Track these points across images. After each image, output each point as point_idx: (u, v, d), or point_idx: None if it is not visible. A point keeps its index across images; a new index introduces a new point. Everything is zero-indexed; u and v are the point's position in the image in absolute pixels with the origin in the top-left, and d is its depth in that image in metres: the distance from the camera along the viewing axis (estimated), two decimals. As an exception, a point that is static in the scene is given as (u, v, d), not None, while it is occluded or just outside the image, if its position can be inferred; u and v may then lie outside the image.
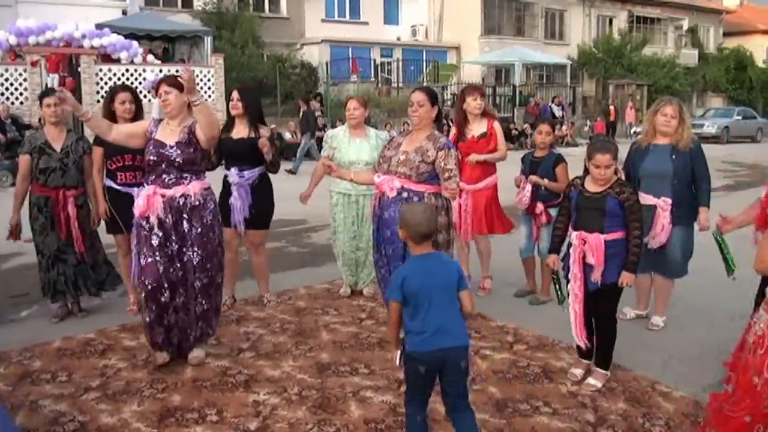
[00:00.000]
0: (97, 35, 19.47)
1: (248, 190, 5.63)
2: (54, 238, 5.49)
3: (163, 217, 4.50)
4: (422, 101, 4.57)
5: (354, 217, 6.04)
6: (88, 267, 5.67)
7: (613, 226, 4.20)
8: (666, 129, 5.13)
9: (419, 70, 31.19)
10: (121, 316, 5.68)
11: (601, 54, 34.41)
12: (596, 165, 4.16)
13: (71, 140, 5.54)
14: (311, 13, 30.02)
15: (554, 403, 4.11)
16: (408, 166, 4.47)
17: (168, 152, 4.51)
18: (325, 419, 3.88)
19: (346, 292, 6.25)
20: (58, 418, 3.94)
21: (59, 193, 5.43)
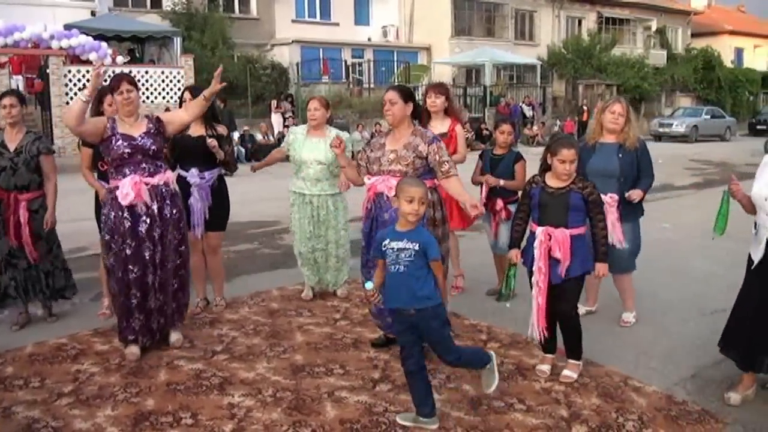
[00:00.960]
0: (66, 36, 19.22)
1: (208, 191, 5.60)
2: (5, 241, 5.39)
3: (149, 203, 4.70)
4: (394, 99, 4.65)
5: (309, 217, 5.98)
6: (39, 272, 5.54)
7: (576, 221, 4.29)
8: (614, 126, 5.21)
9: (390, 70, 31.21)
10: (92, 320, 5.62)
11: (570, 54, 34.70)
12: (561, 160, 4.24)
13: (27, 140, 5.43)
14: (281, 14, 29.91)
15: (528, 399, 4.15)
16: (402, 164, 4.55)
17: (140, 143, 4.71)
18: (301, 420, 3.88)
19: (308, 295, 6.19)
20: (32, 424, 3.89)
21: (10, 196, 5.34)
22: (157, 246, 4.76)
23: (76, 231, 6.38)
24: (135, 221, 4.69)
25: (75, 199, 7.80)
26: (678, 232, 9.12)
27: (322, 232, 6.00)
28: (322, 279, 6.22)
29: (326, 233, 6.01)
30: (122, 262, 4.69)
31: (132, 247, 4.68)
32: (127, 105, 4.76)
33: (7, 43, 18.34)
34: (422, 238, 3.64)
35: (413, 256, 3.62)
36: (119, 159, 4.68)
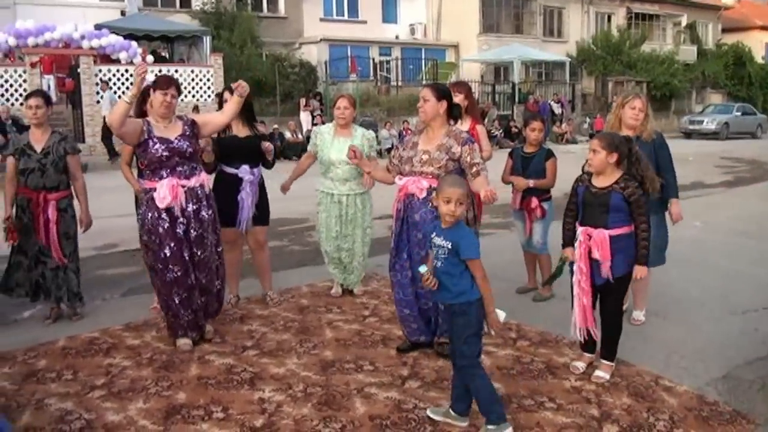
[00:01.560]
0: (96, 36, 19.47)
1: (257, 187, 5.70)
2: (37, 239, 5.47)
3: (185, 206, 4.77)
4: (427, 96, 4.61)
5: (336, 217, 5.99)
6: (69, 272, 5.60)
7: (618, 221, 4.21)
8: (633, 122, 5.17)
9: (418, 68, 31.17)
10: (123, 315, 5.68)
11: (599, 51, 34.39)
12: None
13: (53, 141, 5.49)
14: (309, 13, 30.01)
15: (558, 398, 4.12)
16: (435, 165, 4.52)
17: (177, 146, 4.78)
18: (330, 416, 3.89)
19: (338, 292, 6.21)
20: (65, 416, 3.95)
21: (39, 196, 5.40)
22: (194, 247, 4.82)
23: (108, 228, 6.48)
24: (173, 223, 4.74)
25: (106, 196, 7.93)
26: (709, 231, 9.00)
27: (349, 231, 6.02)
28: (347, 278, 6.24)
29: (353, 232, 6.03)
30: (162, 262, 4.75)
31: (171, 247, 4.73)
32: (165, 108, 4.81)
33: (38, 43, 18.61)
34: (456, 238, 3.61)
35: (447, 254, 3.62)
36: (157, 161, 4.73)
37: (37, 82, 18.32)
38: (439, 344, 4.75)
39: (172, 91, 4.80)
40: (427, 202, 4.49)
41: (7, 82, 18.27)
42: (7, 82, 18.27)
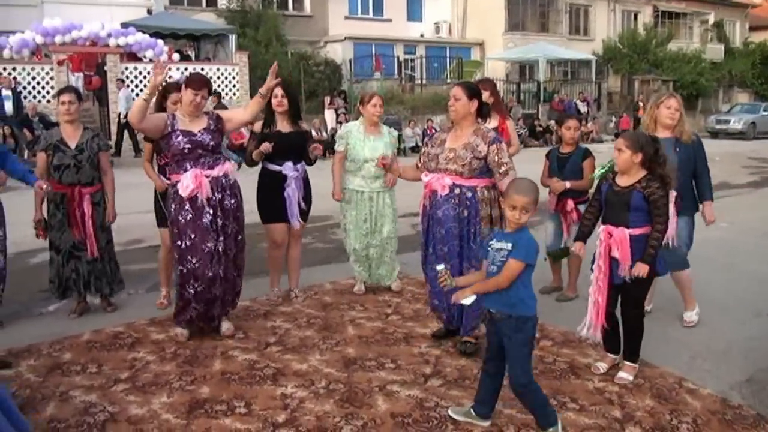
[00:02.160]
0: (123, 34, 19.65)
1: (301, 183, 5.78)
2: (70, 234, 5.55)
3: (211, 195, 4.84)
4: (458, 95, 4.63)
5: (367, 214, 6.01)
6: (104, 264, 5.70)
7: (639, 221, 4.18)
8: (670, 122, 5.13)
9: (443, 67, 31.11)
10: (148, 310, 5.75)
11: (626, 49, 34.06)
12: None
13: (86, 137, 5.56)
14: (334, 11, 30.07)
15: (581, 399, 4.10)
16: (459, 163, 4.55)
17: (199, 138, 4.86)
18: (353, 413, 3.90)
19: (361, 290, 6.24)
20: (89, 408, 4.00)
21: (74, 190, 5.49)
22: (220, 236, 4.88)
23: (132, 223, 6.54)
24: (198, 213, 4.81)
25: (131, 192, 8.00)
26: (735, 232, 8.88)
27: (378, 228, 6.03)
28: (374, 274, 6.24)
29: (382, 228, 6.04)
30: (182, 252, 4.84)
31: (192, 239, 4.80)
32: (194, 107, 4.88)
33: (65, 42, 18.83)
34: (516, 239, 3.48)
35: (506, 257, 3.49)
36: (179, 154, 4.82)
37: (64, 80, 18.52)
38: (463, 342, 4.76)
39: (203, 92, 4.88)
40: (450, 199, 4.53)
41: (34, 80, 18.50)
42: (34, 80, 18.50)
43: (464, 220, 4.58)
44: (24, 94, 17.96)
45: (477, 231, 4.57)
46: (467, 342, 4.75)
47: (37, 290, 6.50)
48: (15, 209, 4.89)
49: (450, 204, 4.55)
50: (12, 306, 5.97)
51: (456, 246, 4.58)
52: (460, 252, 4.59)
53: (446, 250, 4.60)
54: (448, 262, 4.57)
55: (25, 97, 17.86)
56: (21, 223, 5.12)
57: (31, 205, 5.53)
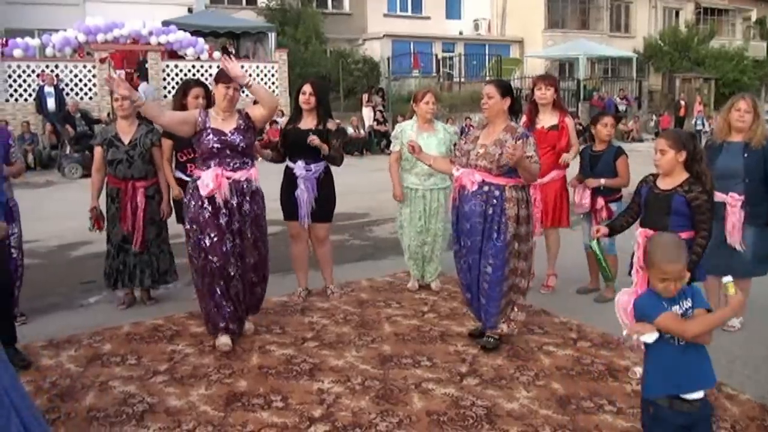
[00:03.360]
0: (164, 32, 19.88)
1: (314, 183, 5.68)
2: (122, 228, 5.65)
3: (229, 198, 4.74)
4: (491, 93, 4.66)
5: (421, 212, 6.02)
6: (151, 258, 5.78)
7: (679, 225, 4.07)
8: (741, 124, 4.99)
9: (481, 64, 30.94)
10: (188, 303, 5.81)
11: (667, 47, 33.51)
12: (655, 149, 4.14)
13: (140, 133, 5.66)
14: (373, 9, 30.09)
15: (618, 401, 4.04)
16: (488, 159, 4.56)
17: (230, 138, 4.77)
18: (388, 410, 3.91)
19: (414, 287, 6.24)
20: (127, 399, 4.08)
21: (128, 184, 5.59)
22: (236, 239, 4.78)
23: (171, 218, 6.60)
24: (215, 213, 4.72)
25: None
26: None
27: (431, 225, 6.05)
28: (425, 271, 6.25)
29: (436, 226, 6.05)
30: (203, 251, 4.73)
31: (211, 237, 4.71)
32: (228, 101, 4.80)
33: (107, 40, 19.13)
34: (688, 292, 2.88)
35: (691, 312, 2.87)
36: (208, 152, 4.75)
37: (105, 77, 18.81)
38: (486, 338, 4.81)
39: (234, 85, 4.78)
40: (477, 195, 4.56)
41: (76, 77, 18.83)
42: (76, 77, 18.83)
43: (489, 218, 4.57)
44: (66, 91, 18.29)
45: (501, 229, 4.56)
46: (490, 337, 4.79)
47: (78, 282, 6.64)
48: (54, 204, 5.00)
49: (477, 200, 4.57)
50: (53, 297, 6.10)
51: (477, 242, 4.60)
52: (480, 248, 4.61)
53: (469, 244, 4.65)
54: (469, 255, 4.65)
55: (67, 94, 18.19)
56: (61, 216, 5.23)
57: (70, 200, 5.64)
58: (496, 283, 4.62)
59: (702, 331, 2.75)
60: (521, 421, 3.79)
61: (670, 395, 2.80)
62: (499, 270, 4.59)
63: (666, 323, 2.74)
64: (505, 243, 4.56)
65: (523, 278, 4.78)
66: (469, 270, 4.74)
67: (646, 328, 2.80)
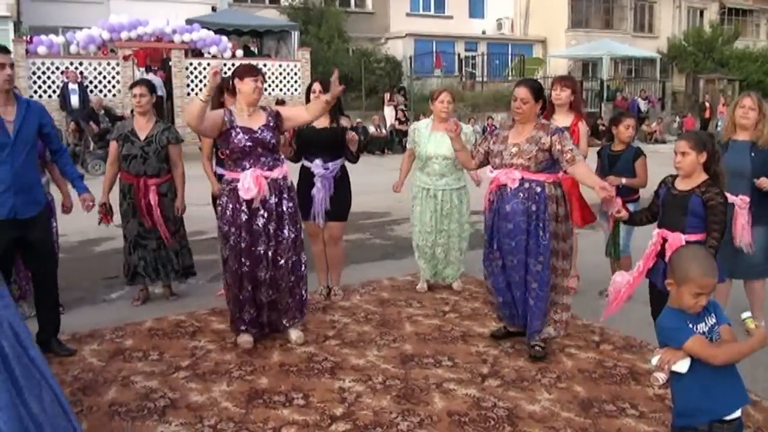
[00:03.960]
0: (187, 30, 20.00)
1: (331, 182, 5.67)
2: (135, 223, 5.68)
3: (267, 198, 4.67)
4: (526, 98, 4.54)
5: (432, 211, 5.98)
6: (169, 253, 5.81)
7: (695, 226, 4.04)
8: (744, 122, 4.94)
9: (504, 64, 30.84)
10: (209, 300, 5.86)
11: (691, 47, 33.16)
12: (675, 151, 4.08)
13: (157, 130, 5.67)
14: (396, 8, 30.10)
15: (641, 405, 4.01)
16: (525, 157, 4.51)
17: (260, 136, 4.68)
18: (409, 409, 3.90)
19: (423, 288, 6.19)
20: (149, 393, 4.11)
21: (140, 181, 5.60)
22: (272, 241, 4.72)
23: (195, 215, 6.65)
24: (252, 215, 4.66)
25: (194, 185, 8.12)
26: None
27: (445, 226, 6.00)
28: (440, 273, 6.21)
29: (449, 227, 6.01)
30: (237, 254, 4.68)
31: (247, 240, 4.66)
32: (258, 93, 4.75)
33: (131, 37, 19.28)
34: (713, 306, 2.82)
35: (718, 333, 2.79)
36: (239, 152, 4.66)
37: (129, 75, 18.97)
38: (532, 347, 4.66)
39: (260, 77, 4.75)
40: (518, 193, 4.48)
41: (100, 74, 18.99)
42: (100, 74, 18.99)
43: (532, 215, 4.49)
44: (90, 88, 18.44)
45: (545, 227, 4.49)
46: (536, 346, 4.64)
47: (101, 278, 6.69)
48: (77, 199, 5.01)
49: (519, 198, 4.49)
50: (76, 292, 6.16)
51: (523, 241, 4.50)
52: (526, 247, 4.51)
53: (513, 245, 4.54)
54: (515, 256, 4.54)
55: (91, 91, 18.34)
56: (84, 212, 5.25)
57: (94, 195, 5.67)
58: (546, 282, 4.54)
59: (730, 360, 2.68)
60: (543, 423, 3.77)
61: (712, 420, 2.70)
62: (548, 268, 4.53)
63: (694, 349, 2.65)
64: (547, 243, 4.51)
65: (564, 277, 4.71)
66: (507, 272, 4.63)
67: (676, 356, 2.68)
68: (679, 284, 2.72)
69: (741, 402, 2.75)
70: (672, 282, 2.75)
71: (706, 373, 2.68)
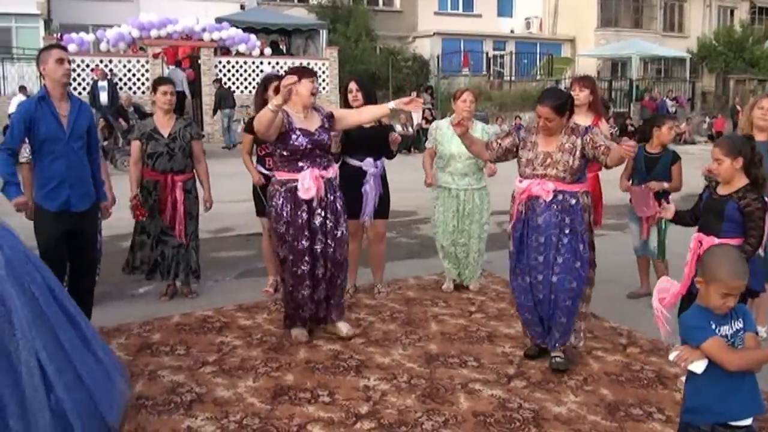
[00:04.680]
0: (217, 29, 20.18)
1: (380, 180, 5.74)
2: (158, 220, 5.72)
3: (324, 197, 4.75)
4: (550, 118, 4.30)
5: (454, 211, 5.96)
6: (189, 251, 5.85)
7: (732, 231, 3.97)
8: (763, 123, 4.86)
9: (532, 63, 30.68)
10: (236, 296, 5.89)
11: (721, 47, 32.71)
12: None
13: (179, 126, 5.72)
14: (424, 6, 30.08)
15: (668, 410, 3.95)
16: (560, 168, 4.32)
17: (318, 138, 4.73)
18: (434, 409, 3.89)
19: (449, 288, 6.16)
20: (176, 388, 4.14)
21: (167, 177, 5.65)
22: (329, 238, 4.79)
23: (222, 212, 6.72)
24: (310, 214, 4.71)
25: (223, 182, 8.20)
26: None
27: (465, 227, 5.98)
28: (461, 273, 6.20)
29: (470, 227, 5.99)
30: (298, 254, 4.70)
31: (306, 239, 4.70)
32: (312, 95, 4.76)
33: (161, 35, 19.48)
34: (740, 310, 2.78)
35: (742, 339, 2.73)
36: (298, 153, 4.66)
37: (158, 72, 19.17)
38: (553, 358, 4.52)
39: (315, 79, 4.82)
40: (552, 206, 4.31)
41: (130, 72, 19.22)
42: (130, 72, 19.22)
43: (565, 228, 4.31)
44: (120, 85, 18.66)
45: (584, 239, 4.36)
46: (556, 357, 4.48)
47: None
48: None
49: (552, 210, 4.31)
50: (104, 287, 6.22)
51: (552, 256, 4.32)
52: (554, 262, 4.33)
53: (541, 260, 4.36)
54: (539, 273, 4.38)
55: (120, 88, 18.57)
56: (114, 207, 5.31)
57: (122, 191, 5.72)
58: (578, 297, 4.41)
59: (744, 366, 2.63)
60: (568, 425, 3.75)
61: (717, 423, 2.68)
62: (583, 283, 4.40)
63: (711, 350, 2.63)
64: (587, 255, 4.37)
65: (590, 286, 4.58)
66: (534, 288, 4.44)
67: (694, 355, 2.68)
68: (707, 283, 2.69)
69: (753, 411, 2.70)
70: (701, 280, 2.73)
71: (721, 376, 2.65)
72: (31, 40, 20.58)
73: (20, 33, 21.49)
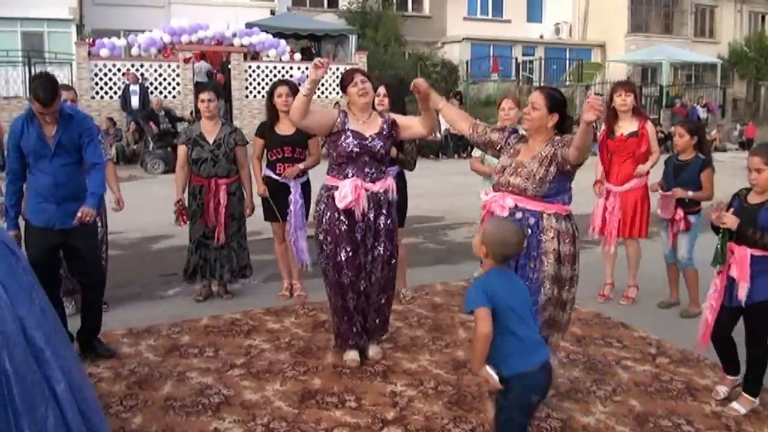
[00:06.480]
0: (247, 34, 20.30)
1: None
2: (201, 224, 5.80)
3: (366, 211, 4.45)
4: (537, 103, 3.89)
5: None
6: (231, 252, 5.91)
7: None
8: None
9: (562, 69, 30.48)
10: (265, 299, 5.93)
11: (752, 53, 32.24)
12: (748, 168, 3.94)
13: (224, 133, 5.81)
14: (453, 12, 30.05)
15: (697, 422, 3.90)
16: (523, 176, 3.83)
17: (370, 144, 4.46)
18: (461, 416, 3.89)
19: None
20: (204, 390, 4.18)
21: (212, 182, 5.73)
22: (368, 254, 4.53)
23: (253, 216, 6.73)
24: (351, 225, 4.45)
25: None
26: None
27: None
28: None
29: None
30: (337, 265, 4.47)
31: (347, 251, 4.45)
32: (363, 97, 4.52)
33: (192, 41, 19.67)
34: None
35: None
36: (345, 157, 4.43)
37: (189, 77, 19.35)
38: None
39: (359, 77, 4.53)
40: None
41: (161, 76, 19.41)
42: (161, 76, 19.41)
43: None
44: (150, 89, 18.87)
45: (537, 267, 3.79)
46: None
47: (158, 274, 6.84)
48: (136, 197, 5.16)
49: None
50: (134, 288, 6.31)
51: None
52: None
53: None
54: None
55: (151, 92, 18.76)
56: (144, 209, 5.37)
57: (153, 194, 5.79)
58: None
59: None
60: (597, 435, 3.72)
61: None
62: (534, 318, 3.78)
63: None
64: (538, 285, 3.78)
65: (559, 332, 4.06)
66: None
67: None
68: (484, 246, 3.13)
69: None
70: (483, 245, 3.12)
71: None
72: (63, 44, 20.87)
73: (52, 38, 21.78)
